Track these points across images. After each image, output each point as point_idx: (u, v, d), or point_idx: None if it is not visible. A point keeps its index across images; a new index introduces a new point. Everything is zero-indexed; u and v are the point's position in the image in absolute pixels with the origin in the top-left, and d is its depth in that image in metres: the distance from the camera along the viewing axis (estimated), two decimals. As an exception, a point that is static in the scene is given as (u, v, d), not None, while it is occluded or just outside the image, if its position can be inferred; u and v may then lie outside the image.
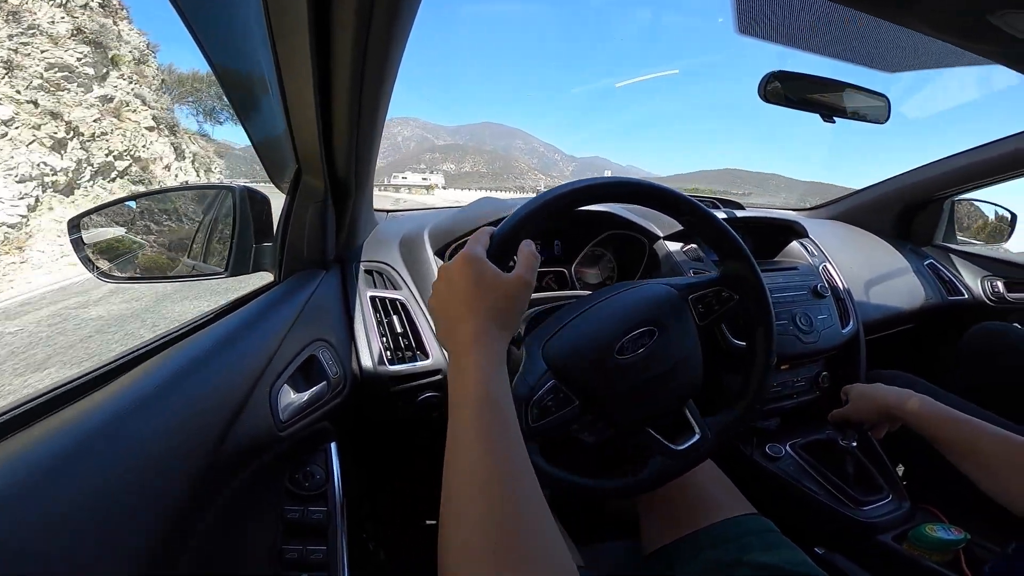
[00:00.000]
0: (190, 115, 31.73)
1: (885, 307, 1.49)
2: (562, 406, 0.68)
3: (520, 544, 0.38)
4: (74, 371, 0.59)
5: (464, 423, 0.47)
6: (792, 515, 0.96)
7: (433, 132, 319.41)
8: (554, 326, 0.73)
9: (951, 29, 0.67)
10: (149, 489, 0.43)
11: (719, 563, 0.73)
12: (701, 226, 0.74)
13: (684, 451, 0.74)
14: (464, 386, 0.49)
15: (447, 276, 0.57)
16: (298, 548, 0.66)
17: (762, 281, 0.77)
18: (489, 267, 0.56)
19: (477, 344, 0.52)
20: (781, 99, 1.13)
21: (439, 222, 1.11)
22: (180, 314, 6.48)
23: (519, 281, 0.56)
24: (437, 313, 0.58)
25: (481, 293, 0.54)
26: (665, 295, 0.77)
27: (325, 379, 0.77)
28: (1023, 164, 1.47)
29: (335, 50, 0.58)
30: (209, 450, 0.50)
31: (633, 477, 0.73)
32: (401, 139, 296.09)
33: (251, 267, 0.91)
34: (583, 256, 1.26)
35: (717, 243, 0.76)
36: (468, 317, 0.53)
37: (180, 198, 0.95)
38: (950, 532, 0.88)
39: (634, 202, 0.70)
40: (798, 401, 1.21)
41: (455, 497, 0.43)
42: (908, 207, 1.82)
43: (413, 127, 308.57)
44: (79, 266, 0.80)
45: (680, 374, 0.75)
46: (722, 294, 0.78)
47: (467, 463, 0.44)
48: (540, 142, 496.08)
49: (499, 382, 0.50)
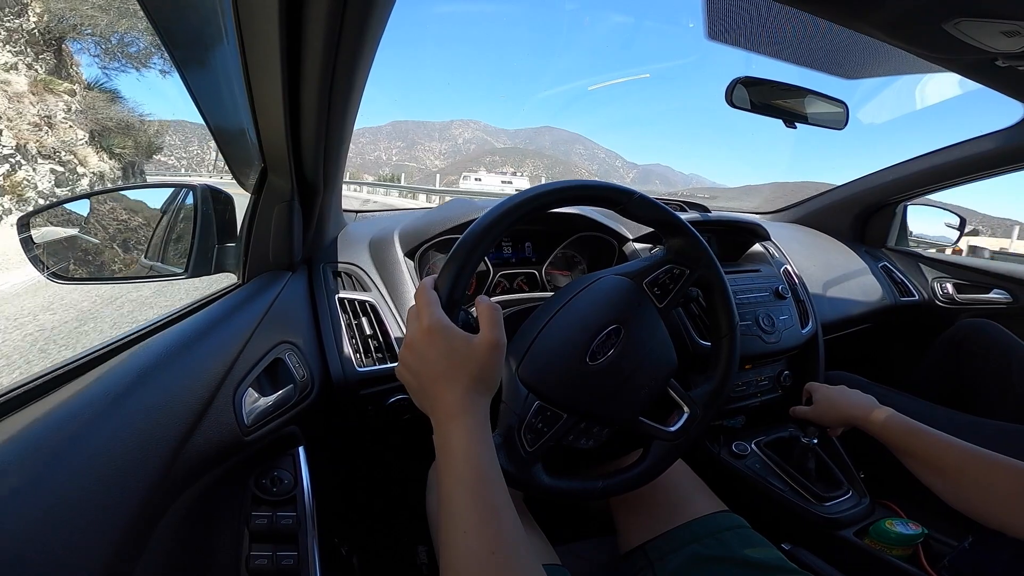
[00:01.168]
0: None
1: (841, 308, 1.54)
2: (552, 424, 0.69)
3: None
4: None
5: (459, 499, 0.48)
6: (760, 511, 0.98)
7: (493, 135, 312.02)
8: (524, 343, 0.73)
9: (908, 37, 0.70)
10: (102, 501, 0.41)
11: (701, 557, 0.75)
12: (639, 210, 0.73)
13: (679, 431, 0.77)
14: (454, 456, 0.50)
15: (416, 350, 0.55)
16: (267, 554, 0.64)
17: (708, 250, 0.77)
18: (457, 334, 0.55)
19: (463, 414, 0.52)
20: (746, 104, 1.16)
21: (409, 223, 1.10)
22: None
23: (490, 345, 0.55)
24: (412, 385, 0.57)
25: (458, 364, 0.54)
26: (621, 288, 0.77)
27: (292, 382, 0.76)
28: (973, 170, 1.55)
29: (306, 45, 0.56)
30: (167, 457, 0.48)
31: (638, 468, 0.75)
32: (462, 141, 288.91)
33: (213, 268, 0.89)
34: (554, 257, 1.26)
35: (658, 224, 0.76)
36: (448, 388, 0.53)
37: (138, 196, 0.91)
38: (908, 527, 0.91)
39: (571, 204, 0.69)
40: (762, 400, 1.24)
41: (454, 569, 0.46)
42: (864, 211, 1.89)
43: (473, 129, 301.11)
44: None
45: (655, 361, 0.76)
46: (673, 271, 0.78)
47: (463, 537, 0.46)
48: (602, 148, 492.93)
49: (487, 448, 0.52)
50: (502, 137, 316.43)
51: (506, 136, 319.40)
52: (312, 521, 0.69)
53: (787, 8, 0.74)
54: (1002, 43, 0.69)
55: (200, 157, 60.54)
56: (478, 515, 0.47)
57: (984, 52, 0.73)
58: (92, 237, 0.81)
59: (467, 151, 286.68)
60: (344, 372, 0.88)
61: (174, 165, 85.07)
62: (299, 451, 0.75)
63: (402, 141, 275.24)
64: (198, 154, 67.18)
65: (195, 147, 73.72)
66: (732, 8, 0.77)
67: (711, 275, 0.79)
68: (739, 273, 1.28)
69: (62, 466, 0.40)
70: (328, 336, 0.90)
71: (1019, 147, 1.38)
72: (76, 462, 0.41)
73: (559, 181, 0.68)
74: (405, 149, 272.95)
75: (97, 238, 0.82)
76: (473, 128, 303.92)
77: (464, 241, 0.62)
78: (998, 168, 1.50)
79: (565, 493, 0.71)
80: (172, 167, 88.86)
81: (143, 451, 0.46)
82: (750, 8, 0.76)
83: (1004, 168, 1.49)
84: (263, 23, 0.53)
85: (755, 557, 0.74)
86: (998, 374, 1.33)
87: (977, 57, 0.76)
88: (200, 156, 60.23)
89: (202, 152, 66.41)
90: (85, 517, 0.39)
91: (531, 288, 1.24)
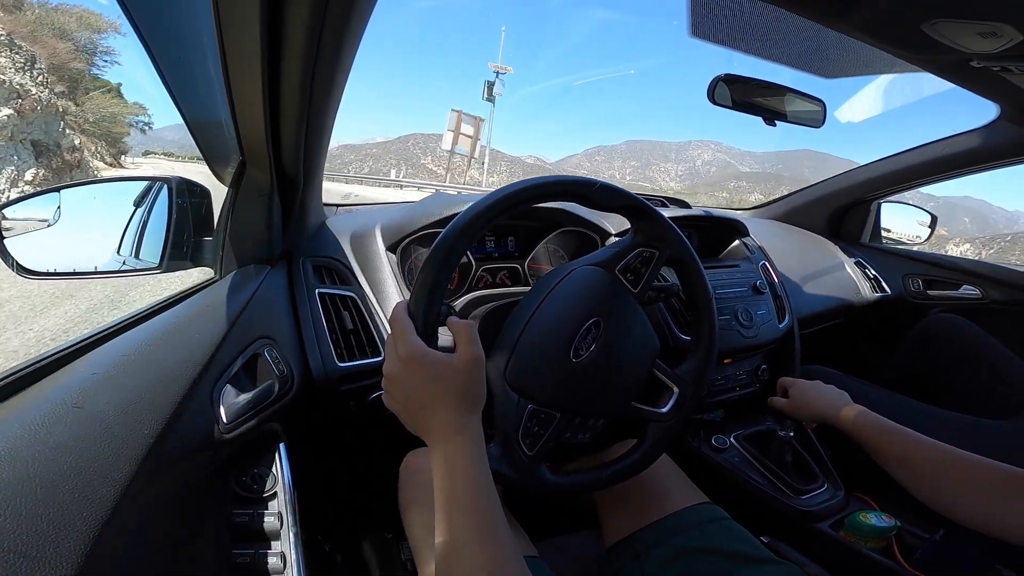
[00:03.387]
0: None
1: (817, 303, 1.57)
2: (547, 425, 0.69)
3: None
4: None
5: (457, 516, 0.49)
6: (739, 505, 0.99)
7: (737, 157, 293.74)
8: (508, 344, 0.73)
9: (886, 37, 0.71)
10: (74, 501, 0.40)
11: (686, 548, 0.76)
12: (603, 199, 0.72)
13: (671, 410, 0.77)
14: (452, 475, 0.51)
15: (398, 381, 0.56)
16: (249, 552, 0.63)
17: (675, 228, 0.77)
18: (436, 359, 0.55)
19: (456, 435, 0.53)
20: (727, 101, 1.17)
21: (391, 217, 1.09)
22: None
23: (470, 362, 0.55)
24: (401, 414, 0.57)
25: (443, 387, 0.54)
26: (594, 279, 0.76)
27: (271, 378, 0.74)
28: (946, 168, 1.59)
29: (287, 37, 0.55)
30: (141, 457, 0.47)
31: (639, 451, 0.76)
32: (700, 163, 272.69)
33: (189, 262, 0.87)
34: (537, 252, 1.26)
35: (624, 210, 0.75)
36: (437, 412, 0.54)
37: (111, 188, 0.88)
38: (882, 520, 0.94)
39: (540, 202, 0.69)
40: (741, 393, 1.26)
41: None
42: (839, 208, 1.93)
43: (714, 151, 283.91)
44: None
45: (637, 348, 0.76)
46: (643, 254, 0.78)
47: (461, 551, 0.48)
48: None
49: (483, 466, 0.53)
50: (748, 160, 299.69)
51: (753, 160, 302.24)
52: (294, 518, 0.68)
53: (769, 7, 0.74)
54: (978, 44, 0.70)
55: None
56: (476, 532, 0.48)
57: (960, 53, 0.74)
58: (63, 230, 0.78)
59: (707, 173, 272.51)
60: (325, 368, 0.87)
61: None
62: (280, 448, 0.74)
63: (637, 160, 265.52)
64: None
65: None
66: (715, 6, 0.77)
67: (681, 252, 0.78)
68: (719, 268, 1.29)
69: (38, 460, 0.39)
70: (308, 331, 0.89)
71: (991, 146, 1.42)
72: (50, 456, 0.40)
73: (526, 180, 0.67)
74: (639, 169, 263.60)
75: (69, 231, 0.79)
76: (713, 149, 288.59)
77: (432, 255, 0.60)
78: (971, 167, 1.54)
79: (575, 488, 0.72)
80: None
81: (115, 451, 0.45)
82: (733, 6, 0.77)
83: (976, 167, 1.53)
84: (243, 12, 0.52)
85: (739, 549, 0.75)
86: (967, 368, 1.37)
87: (953, 58, 0.78)
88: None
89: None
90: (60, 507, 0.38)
91: (514, 282, 1.24)
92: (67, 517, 0.38)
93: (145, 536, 0.47)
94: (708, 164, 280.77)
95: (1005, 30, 0.65)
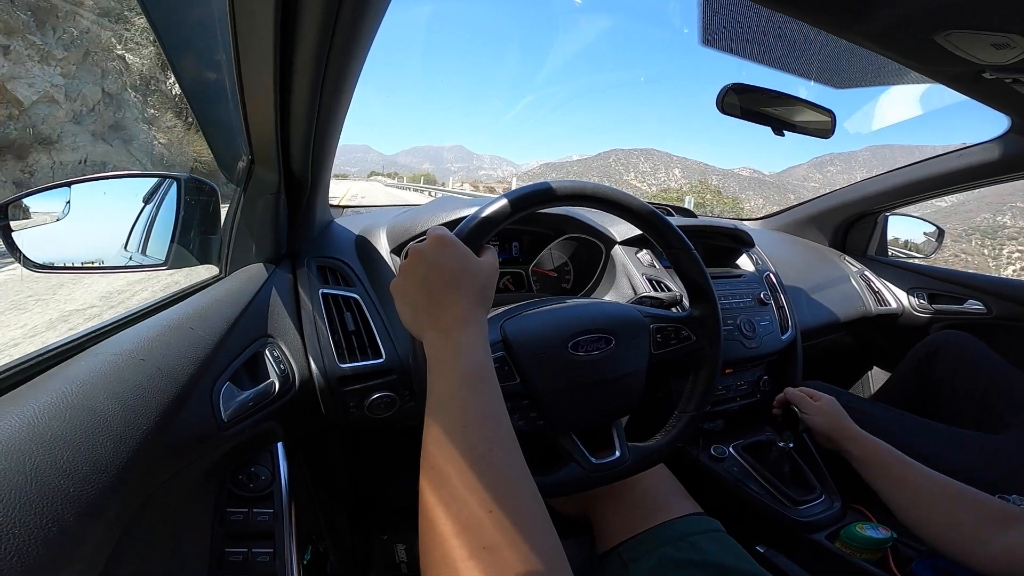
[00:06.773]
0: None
1: (821, 315, 1.56)
2: (504, 380, 0.70)
3: (517, 519, 0.42)
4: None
5: (461, 395, 0.49)
6: (736, 514, 0.99)
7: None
8: (517, 311, 0.76)
9: (899, 47, 0.71)
10: (67, 495, 0.40)
11: (673, 560, 0.75)
12: (685, 265, 0.77)
13: (599, 466, 0.75)
14: (461, 356, 0.51)
15: (427, 258, 0.56)
16: (242, 551, 0.63)
17: (720, 326, 0.80)
18: (467, 249, 0.58)
19: (472, 323, 0.54)
20: (737, 111, 1.16)
21: (397, 219, 1.09)
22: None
23: (492, 267, 0.60)
24: (414, 295, 0.57)
25: (468, 277, 0.56)
26: (631, 314, 0.80)
27: (271, 377, 0.75)
28: (955, 181, 1.57)
29: (299, 37, 0.56)
30: (137, 451, 0.47)
31: (542, 477, 0.73)
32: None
33: (195, 259, 0.87)
34: (541, 258, 1.26)
35: (694, 283, 0.79)
36: (461, 295, 0.55)
37: (120, 185, 0.89)
38: (878, 531, 0.93)
39: (597, 207, 0.72)
40: (741, 404, 1.26)
41: (450, 477, 0.44)
42: (845, 221, 1.93)
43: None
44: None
45: (620, 389, 0.78)
46: (682, 332, 0.82)
47: (462, 431, 0.46)
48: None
49: (489, 356, 0.53)
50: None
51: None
52: (289, 518, 0.68)
53: (781, 16, 0.74)
54: (991, 55, 0.70)
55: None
56: (479, 411, 0.48)
57: (972, 64, 0.74)
58: (72, 224, 0.79)
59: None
60: (326, 368, 0.87)
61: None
62: (277, 447, 0.74)
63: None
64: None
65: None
66: (727, 15, 0.77)
67: (712, 352, 0.81)
68: (724, 278, 1.29)
69: (35, 452, 0.39)
70: (311, 331, 0.89)
71: (1001, 159, 1.41)
72: (48, 448, 0.40)
73: (616, 190, 0.72)
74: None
75: (78, 225, 0.79)
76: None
77: (507, 194, 0.65)
78: (980, 179, 1.53)
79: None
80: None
81: (111, 445, 0.45)
82: (744, 16, 0.77)
83: (986, 180, 1.52)
84: (257, 14, 0.52)
85: (728, 563, 0.74)
86: (966, 384, 1.36)
87: (966, 69, 0.78)
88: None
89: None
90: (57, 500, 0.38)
91: (517, 288, 1.24)
92: (59, 511, 0.38)
93: (137, 532, 0.47)
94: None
95: (1019, 41, 0.65)
